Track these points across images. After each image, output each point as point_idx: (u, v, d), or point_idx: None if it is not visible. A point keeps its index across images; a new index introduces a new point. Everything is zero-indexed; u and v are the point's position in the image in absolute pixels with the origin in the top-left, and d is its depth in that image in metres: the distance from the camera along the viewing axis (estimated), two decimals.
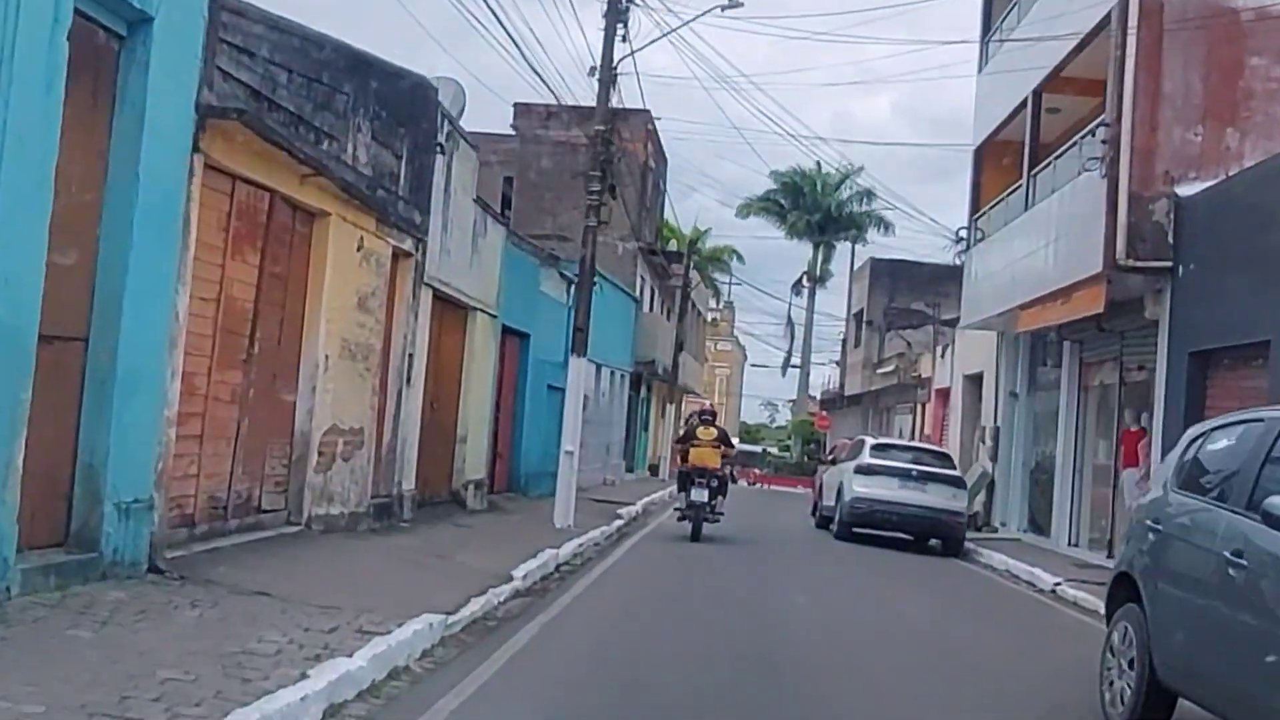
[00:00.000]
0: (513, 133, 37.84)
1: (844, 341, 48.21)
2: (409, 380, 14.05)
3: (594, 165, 17.95)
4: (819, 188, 65.02)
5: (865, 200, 63.19)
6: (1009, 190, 20.89)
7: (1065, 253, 16.84)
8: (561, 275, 26.98)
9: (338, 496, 12.04)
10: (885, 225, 60.95)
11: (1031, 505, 21.68)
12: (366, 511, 12.83)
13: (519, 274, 20.22)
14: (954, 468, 19.74)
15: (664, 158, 40.40)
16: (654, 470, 40.99)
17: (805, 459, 62.61)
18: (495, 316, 18.17)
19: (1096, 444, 18.91)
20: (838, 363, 55.50)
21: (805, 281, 66.24)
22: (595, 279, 28.77)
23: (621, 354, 32.93)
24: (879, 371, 35.95)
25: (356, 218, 11.96)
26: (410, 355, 14.03)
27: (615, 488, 30.05)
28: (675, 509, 18.15)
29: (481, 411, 17.86)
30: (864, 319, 40.51)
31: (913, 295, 39.70)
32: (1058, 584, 14.85)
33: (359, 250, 12.15)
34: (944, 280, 39.04)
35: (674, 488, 19.90)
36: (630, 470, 37.37)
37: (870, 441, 19.99)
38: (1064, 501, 19.22)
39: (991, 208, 22.21)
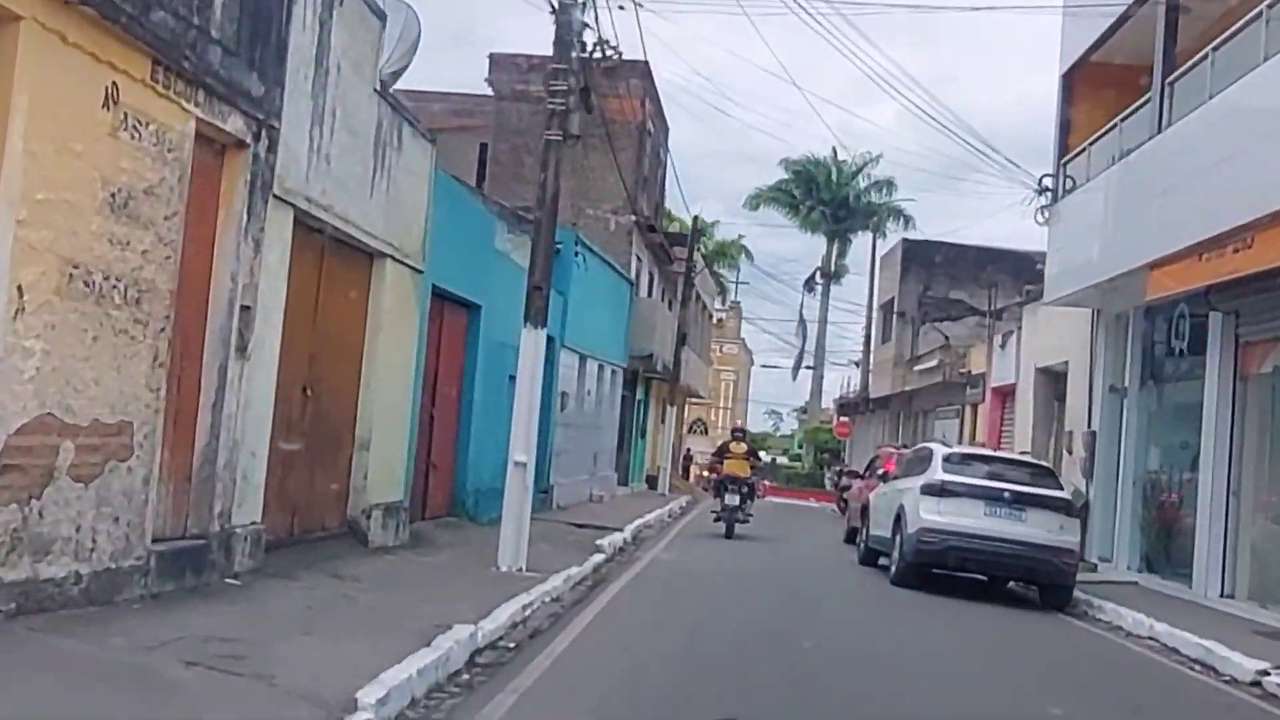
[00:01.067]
0: (490, 93, 32.63)
1: (867, 338, 42.86)
2: (244, 349, 8.73)
3: (558, 55, 12.64)
4: (834, 176, 60.27)
5: (885, 190, 58.66)
6: (1125, 113, 15.57)
7: (1243, 177, 11.53)
8: None
9: (64, 545, 6.72)
10: (906, 218, 56.04)
11: (1147, 537, 16.31)
12: (141, 567, 7.51)
13: (462, 221, 14.93)
14: (1059, 486, 14.37)
15: (665, 122, 35.11)
16: (652, 483, 35.60)
17: (818, 469, 57.65)
18: (419, 271, 12.86)
19: (1265, 455, 13.56)
20: (857, 363, 50.16)
21: (819, 278, 61.26)
22: (578, 247, 23.58)
23: (613, 345, 27.62)
24: (916, 369, 30.62)
25: (100, 45, 6.67)
26: (246, 309, 8.71)
27: (604, 505, 24.78)
28: (712, 511, 20.80)
29: (397, 404, 12.55)
30: (894, 310, 35.16)
31: (952, 282, 34.49)
32: (1264, 673, 9.54)
33: (109, 108, 6.85)
34: (988, 264, 33.91)
35: (674, 505, 22.61)
36: (625, 483, 32.07)
37: (941, 451, 14.60)
38: (1212, 536, 13.86)
39: (1093, 143, 16.90)
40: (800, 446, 66.98)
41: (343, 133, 10.35)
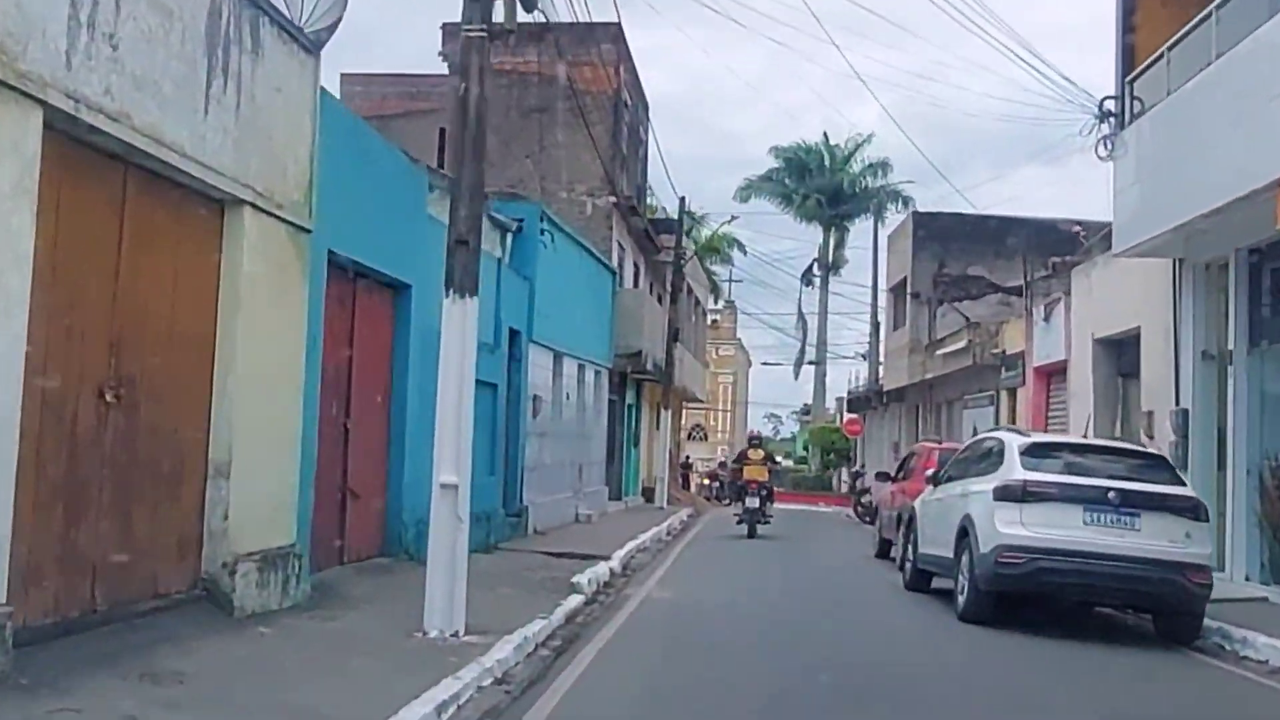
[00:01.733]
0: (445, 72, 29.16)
1: (875, 326, 39.45)
2: None
3: None
4: (827, 161, 57.24)
5: (880, 172, 55.69)
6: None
7: None
8: (494, 221, 18.33)
9: None
10: (904, 200, 52.78)
11: (1268, 539, 12.85)
12: None
13: (377, 175, 11.50)
14: (1179, 480, 10.86)
15: (644, 97, 31.71)
16: (649, 496, 32.14)
17: (825, 471, 54.47)
18: (304, 230, 9.40)
19: None
20: (864, 355, 46.79)
21: (816, 269, 58.00)
22: (544, 224, 20.13)
23: (595, 342, 24.20)
24: (938, 354, 27.19)
25: None
26: None
27: (592, 526, 21.37)
28: (735, 515, 21.65)
29: (277, 413, 9.07)
30: (906, 291, 31.74)
31: (969, 257, 31.10)
32: None
33: None
34: (1008, 235, 30.58)
35: (673, 521, 22.67)
36: (618, 497, 28.64)
37: (1016, 441, 11.06)
38: None
39: (1173, 47, 13.49)
40: (806, 449, 63.55)
41: (143, 6, 6.92)
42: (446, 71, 28.87)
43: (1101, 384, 17.85)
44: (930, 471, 12.79)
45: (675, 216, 34.60)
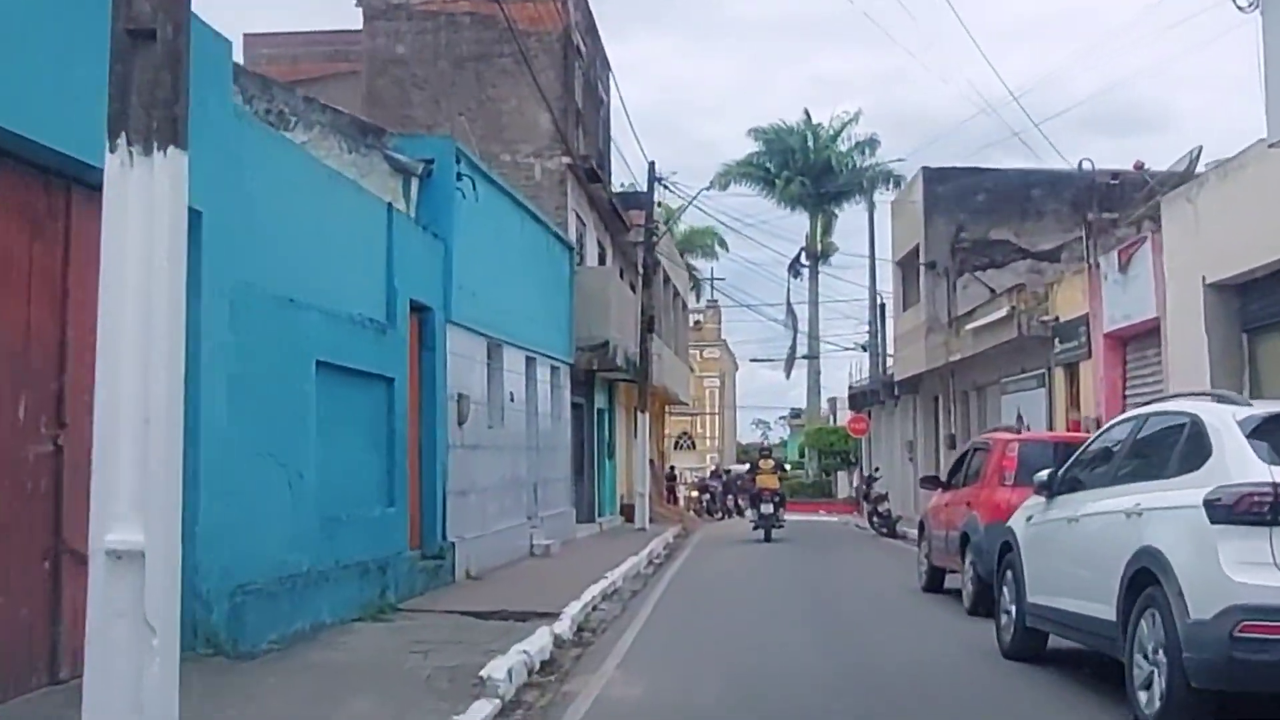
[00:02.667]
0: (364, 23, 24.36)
1: (879, 309, 34.78)
2: None
3: None
4: (811, 142, 53.05)
5: (868, 150, 51.70)
6: None
7: None
8: (392, 162, 13.65)
9: None
10: (896, 180, 48.37)
11: None
12: None
13: None
14: None
15: (602, 49, 27.02)
16: (629, 515, 27.32)
17: (824, 476, 50.30)
18: None
19: None
20: (864, 347, 42.09)
21: (804, 259, 53.66)
22: (461, 167, 15.31)
23: (548, 330, 19.42)
24: (969, 328, 22.49)
25: None
26: None
27: (551, 560, 16.71)
28: (750, 521, 23.73)
29: None
30: (919, 262, 27.07)
31: (991, 219, 26.49)
32: None
33: None
34: (1034, 189, 26.04)
35: (655, 545, 20.23)
36: (591, 519, 23.90)
37: (1235, 414, 6.17)
38: None
39: None
40: (802, 454, 59.14)
41: None
42: (363, 22, 24.25)
43: (1219, 344, 13.18)
44: (1044, 475, 8.03)
45: (646, 191, 29.80)
